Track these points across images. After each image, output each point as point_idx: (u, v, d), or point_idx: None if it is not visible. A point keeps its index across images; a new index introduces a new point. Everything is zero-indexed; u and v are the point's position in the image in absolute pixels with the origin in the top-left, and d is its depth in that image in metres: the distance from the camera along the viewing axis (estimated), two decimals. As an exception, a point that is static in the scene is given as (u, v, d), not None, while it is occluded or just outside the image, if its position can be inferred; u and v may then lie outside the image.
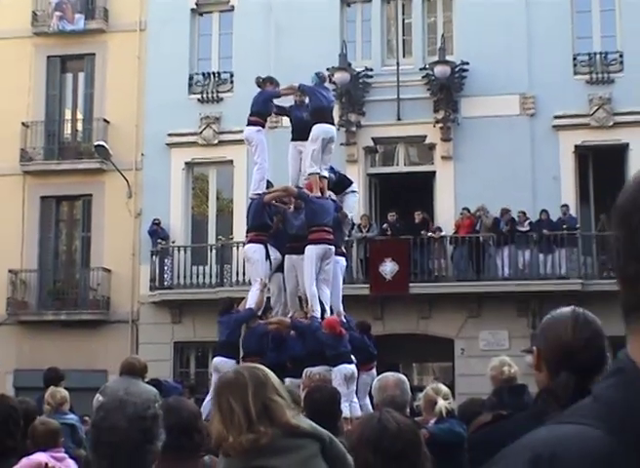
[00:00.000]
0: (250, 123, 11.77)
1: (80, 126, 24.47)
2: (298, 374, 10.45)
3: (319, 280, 11.02)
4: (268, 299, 11.84)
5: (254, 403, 3.12)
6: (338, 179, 12.01)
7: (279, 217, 11.82)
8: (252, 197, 11.75)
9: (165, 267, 22.17)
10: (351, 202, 12.31)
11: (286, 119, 13.31)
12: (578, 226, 20.54)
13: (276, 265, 11.77)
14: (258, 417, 3.11)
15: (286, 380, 10.13)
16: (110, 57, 23.80)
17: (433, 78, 21.42)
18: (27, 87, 23.97)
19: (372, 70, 21.96)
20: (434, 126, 21.52)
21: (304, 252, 11.03)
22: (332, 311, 11.19)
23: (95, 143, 22.64)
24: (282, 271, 11.71)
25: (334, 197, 11.75)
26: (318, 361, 10.44)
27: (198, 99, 23.10)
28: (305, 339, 10.66)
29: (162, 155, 22.99)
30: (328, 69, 18.62)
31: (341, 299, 11.68)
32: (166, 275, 22.15)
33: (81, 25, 23.87)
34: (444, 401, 6.18)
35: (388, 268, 20.37)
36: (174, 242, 22.43)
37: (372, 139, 22.10)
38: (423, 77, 21.72)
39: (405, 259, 20.52)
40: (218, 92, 23.10)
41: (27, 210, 23.61)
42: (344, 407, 8.76)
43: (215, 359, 11.40)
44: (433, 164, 22.09)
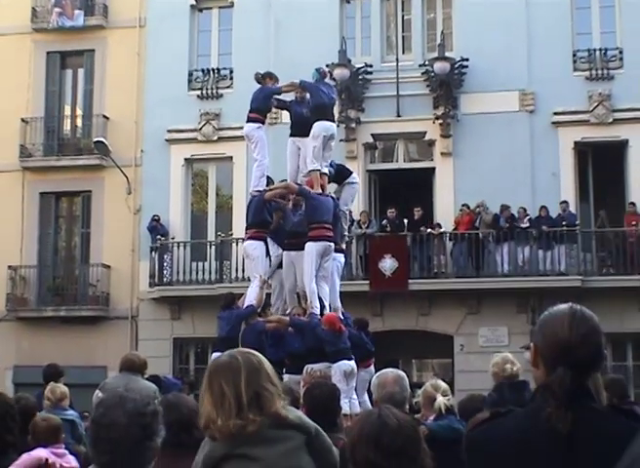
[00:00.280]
0: (250, 119, 11.70)
1: (80, 122, 24.42)
2: (296, 371, 10.46)
3: (318, 277, 11.01)
4: (268, 296, 11.85)
5: (246, 389, 3.12)
6: (337, 170, 11.99)
7: (279, 214, 11.80)
8: (252, 194, 11.74)
9: (164, 263, 22.16)
10: (352, 192, 12.30)
11: (285, 115, 13.28)
12: (577, 223, 20.55)
13: (277, 262, 11.78)
14: (248, 404, 3.11)
15: (285, 377, 10.15)
16: (110, 53, 23.78)
17: (433, 74, 21.40)
18: (27, 83, 23.95)
19: (371, 67, 21.95)
20: (434, 122, 21.50)
21: (302, 248, 11.03)
22: (330, 308, 11.19)
23: (94, 139, 22.62)
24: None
25: (333, 195, 11.73)
26: (317, 357, 10.44)
27: (198, 96, 23.09)
28: (305, 336, 10.65)
29: (161, 151, 22.98)
30: (327, 65, 18.56)
31: (339, 296, 11.68)
32: (165, 271, 22.15)
33: (80, 21, 23.85)
34: (443, 397, 6.18)
35: (388, 264, 20.36)
36: (173, 238, 22.43)
37: (371, 136, 22.08)
38: (423, 73, 21.70)
39: (404, 256, 20.52)
40: (217, 88, 23.08)
41: (27, 206, 23.60)
42: (344, 403, 8.78)
43: (214, 354, 11.40)
44: (433, 160, 22.07)
